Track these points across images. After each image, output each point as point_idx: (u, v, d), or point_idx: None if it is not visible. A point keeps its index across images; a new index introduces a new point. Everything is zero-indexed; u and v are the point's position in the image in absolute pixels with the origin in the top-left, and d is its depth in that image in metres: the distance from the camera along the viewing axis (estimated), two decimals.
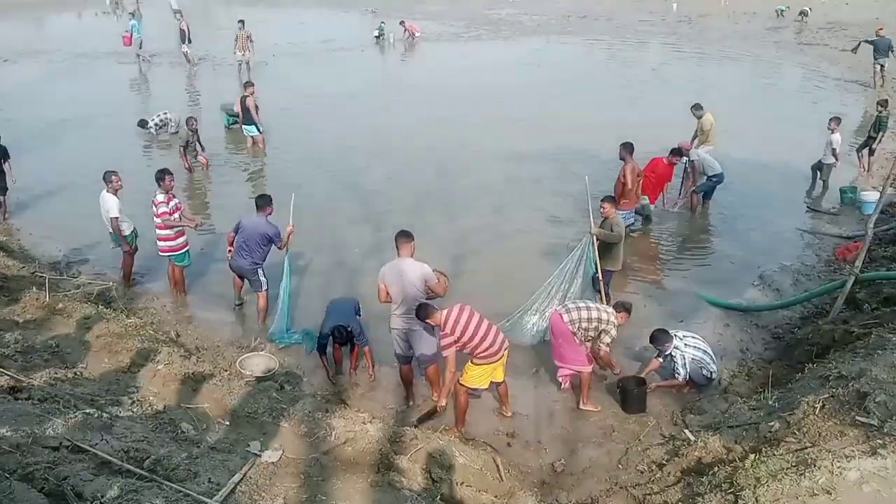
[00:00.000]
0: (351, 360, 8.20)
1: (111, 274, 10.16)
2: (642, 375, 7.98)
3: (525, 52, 26.71)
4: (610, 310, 7.81)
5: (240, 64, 22.86)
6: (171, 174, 9.46)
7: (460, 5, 37.27)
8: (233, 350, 8.42)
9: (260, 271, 8.93)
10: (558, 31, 30.80)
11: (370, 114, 18.64)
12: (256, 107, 15.56)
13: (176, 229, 9.42)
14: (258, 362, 7.78)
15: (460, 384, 7.07)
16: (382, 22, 30.12)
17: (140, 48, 25.17)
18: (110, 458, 4.72)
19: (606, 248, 9.13)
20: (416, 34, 29.13)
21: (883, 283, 8.81)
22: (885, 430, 5.20)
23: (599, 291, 8.95)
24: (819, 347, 7.86)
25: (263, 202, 8.83)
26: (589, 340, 7.69)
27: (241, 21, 22.92)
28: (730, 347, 8.74)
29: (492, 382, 7.25)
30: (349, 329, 7.85)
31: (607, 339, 7.68)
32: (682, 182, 13.01)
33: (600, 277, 8.91)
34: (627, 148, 10.96)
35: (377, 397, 7.80)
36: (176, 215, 9.40)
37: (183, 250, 9.59)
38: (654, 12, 34.39)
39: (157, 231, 9.38)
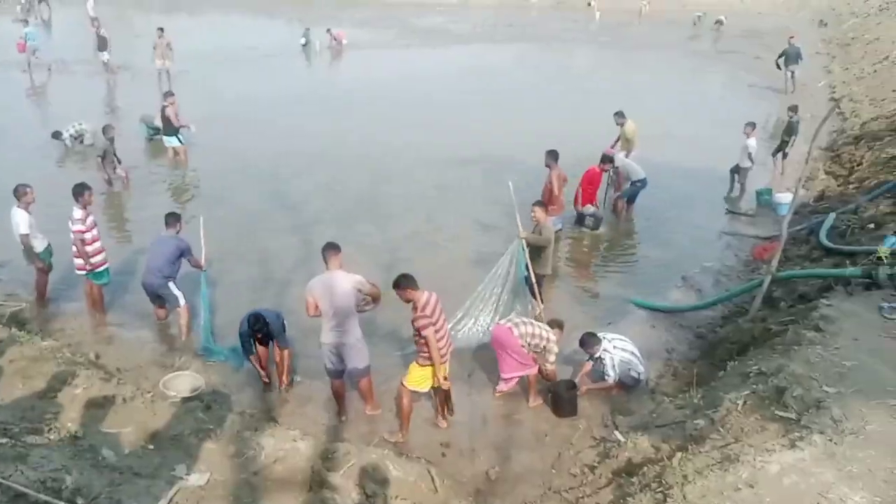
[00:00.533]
0: (279, 371, 8.02)
1: (25, 294, 9.67)
2: (576, 380, 8.12)
3: (453, 60, 26.87)
4: (547, 327, 7.95)
5: (160, 73, 22.22)
6: (91, 189, 9.10)
7: (389, 13, 37.21)
8: (156, 370, 8.12)
9: (171, 284, 8.76)
10: (486, 40, 31.10)
11: (297, 122, 18.38)
12: (177, 116, 15.13)
13: (95, 246, 9.08)
14: (183, 382, 7.55)
15: (403, 386, 7.06)
16: (307, 28, 29.69)
17: (34, 55, 24.17)
18: (25, 489, 4.49)
19: (536, 252, 9.28)
20: (343, 41, 28.96)
21: (798, 282, 9.17)
22: (803, 423, 5.43)
23: (532, 294, 9.08)
24: (740, 345, 8.16)
25: (172, 219, 8.88)
26: (533, 353, 7.84)
27: (161, 28, 22.29)
28: (656, 348, 8.96)
29: (431, 388, 7.25)
30: (267, 321, 7.69)
31: (552, 358, 7.94)
32: (608, 188, 13.31)
33: (533, 280, 9.05)
34: (553, 155, 11.15)
35: (308, 413, 7.64)
36: (95, 232, 9.06)
37: (101, 268, 9.23)
38: (578, 21, 35.13)
39: (74, 248, 9.00)
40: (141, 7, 37.60)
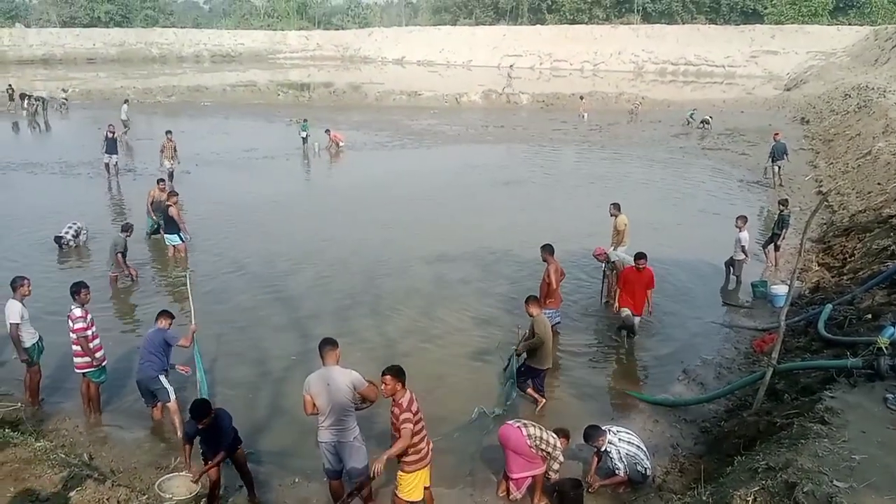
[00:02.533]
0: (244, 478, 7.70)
1: (18, 394, 9.53)
2: (588, 478, 7.95)
3: (447, 159, 27.52)
4: (554, 434, 7.86)
5: (167, 173, 22.71)
6: (88, 287, 9.16)
7: (384, 116, 38.34)
8: (151, 471, 7.94)
9: (162, 378, 8.79)
10: (478, 140, 31.95)
11: (295, 220, 18.63)
12: (180, 215, 15.34)
13: (94, 343, 9.04)
14: (179, 484, 7.35)
15: (398, 497, 6.86)
16: (305, 119, 30.46)
17: None
18: None
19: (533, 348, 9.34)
20: (341, 143, 29.69)
21: (800, 374, 9.12)
22: None
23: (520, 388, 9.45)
24: (746, 439, 7.99)
25: (163, 315, 9.16)
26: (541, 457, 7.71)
27: (169, 131, 22.99)
28: (661, 443, 8.80)
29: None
30: (212, 407, 7.34)
31: (556, 466, 7.78)
32: (603, 283, 13.38)
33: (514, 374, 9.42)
34: (548, 249, 11.29)
35: None
36: (94, 329, 9.07)
37: (100, 366, 9.16)
38: (567, 121, 36.18)
39: (73, 347, 8.97)
40: (144, 111, 38.74)
